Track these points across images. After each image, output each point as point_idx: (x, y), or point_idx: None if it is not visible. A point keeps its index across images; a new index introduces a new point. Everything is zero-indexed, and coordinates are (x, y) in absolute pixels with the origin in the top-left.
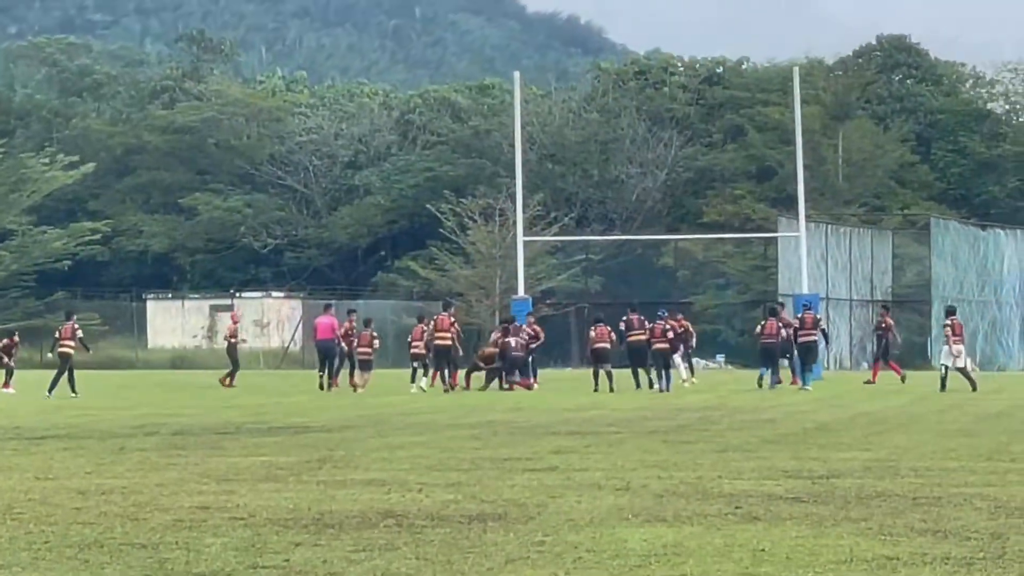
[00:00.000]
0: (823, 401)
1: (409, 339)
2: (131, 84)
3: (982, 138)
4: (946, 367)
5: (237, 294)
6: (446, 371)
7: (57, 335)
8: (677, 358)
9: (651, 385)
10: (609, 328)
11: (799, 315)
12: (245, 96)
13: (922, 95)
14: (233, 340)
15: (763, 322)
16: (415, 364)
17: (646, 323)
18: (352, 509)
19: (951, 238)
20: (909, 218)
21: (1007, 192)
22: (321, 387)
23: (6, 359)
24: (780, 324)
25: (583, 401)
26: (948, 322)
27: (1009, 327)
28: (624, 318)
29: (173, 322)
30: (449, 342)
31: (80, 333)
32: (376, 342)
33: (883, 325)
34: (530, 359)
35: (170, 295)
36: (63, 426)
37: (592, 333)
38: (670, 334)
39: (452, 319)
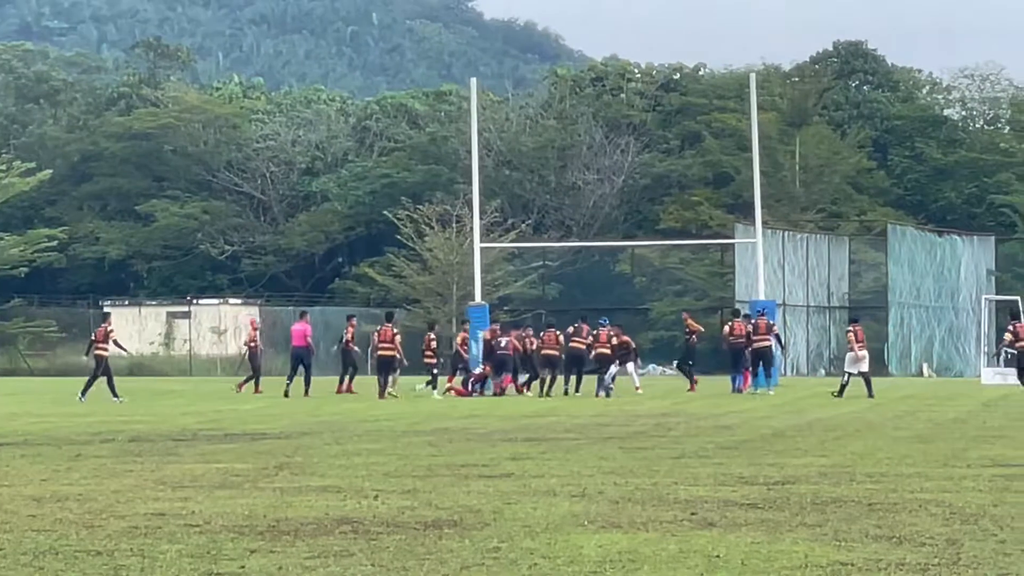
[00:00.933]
0: (779, 407)
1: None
2: (88, 91)
3: (939, 144)
4: (849, 374)
5: (194, 301)
6: (388, 379)
7: (92, 338)
8: (630, 367)
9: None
10: (559, 333)
11: (753, 320)
12: (202, 103)
13: (879, 101)
14: (253, 345)
15: (731, 322)
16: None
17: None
18: (308, 516)
19: (908, 244)
20: (866, 224)
21: (964, 198)
22: (286, 394)
23: None
24: (749, 325)
25: (540, 407)
26: (851, 329)
27: (966, 333)
28: (575, 324)
29: (130, 329)
30: (393, 352)
31: (114, 335)
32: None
33: None
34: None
35: (127, 302)
36: (19, 433)
37: (542, 339)
38: (614, 340)
39: (395, 330)
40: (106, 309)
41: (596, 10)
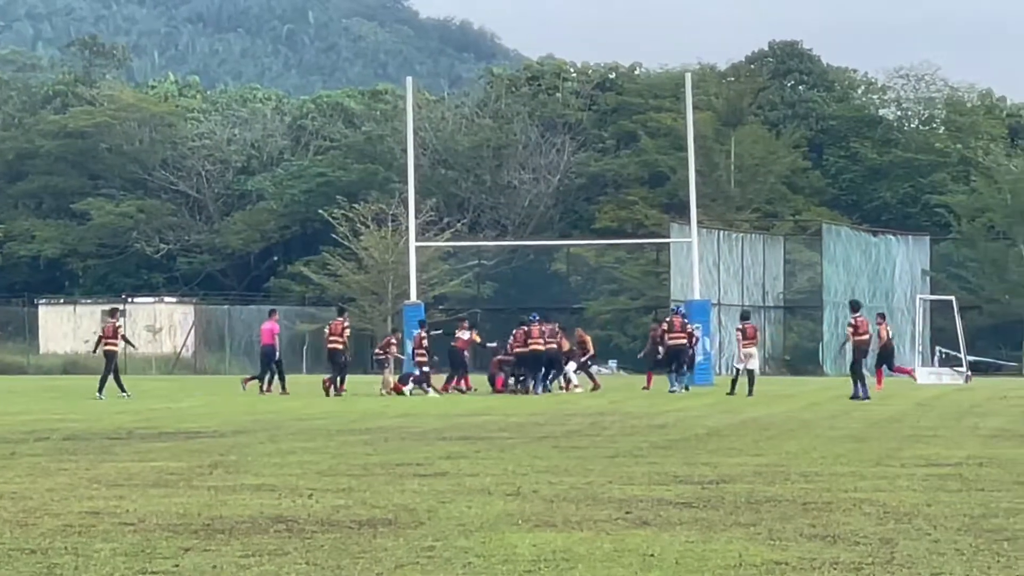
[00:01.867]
0: (714, 406)
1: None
2: (23, 89)
3: (874, 144)
4: (738, 370)
5: (130, 299)
6: (341, 376)
7: (101, 333)
8: (571, 365)
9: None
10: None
11: (668, 319)
12: (138, 101)
13: (814, 101)
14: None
15: (668, 319)
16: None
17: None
18: (243, 514)
19: (842, 244)
20: (801, 224)
21: (898, 198)
22: (262, 390)
23: None
24: (686, 322)
25: (475, 406)
26: (740, 326)
27: (900, 333)
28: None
29: (65, 327)
30: (342, 346)
31: (123, 331)
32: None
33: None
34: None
35: (62, 300)
36: None
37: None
38: (547, 336)
39: (346, 324)
40: (116, 306)
41: (532, 9)
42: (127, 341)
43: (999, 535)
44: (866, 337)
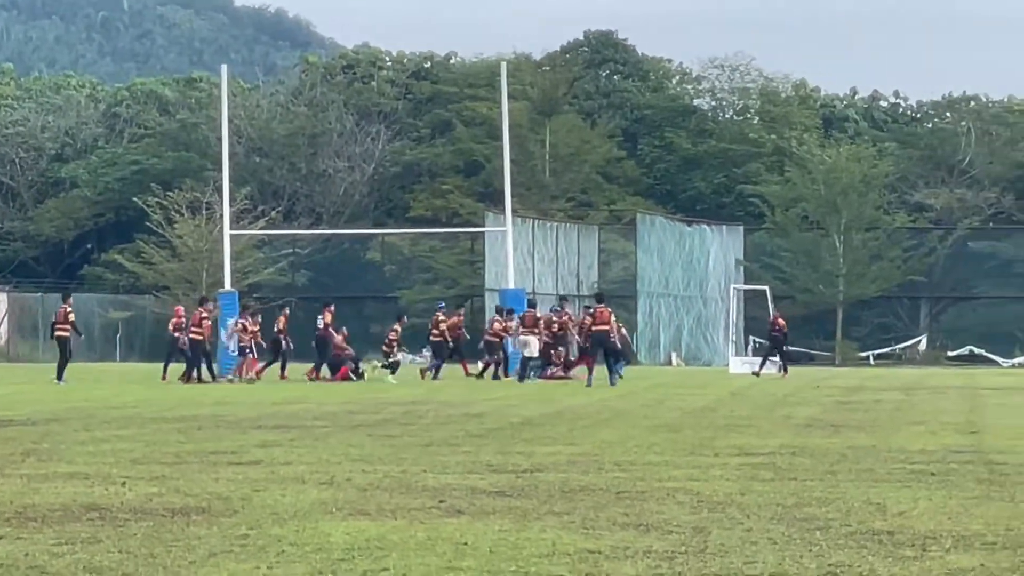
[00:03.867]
0: (529, 396)
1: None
2: None
3: (688, 134)
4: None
5: None
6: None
7: (54, 319)
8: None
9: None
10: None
11: (591, 309)
12: None
13: (629, 91)
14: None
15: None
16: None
17: None
18: (55, 502)
19: (657, 233)
20: (615, 213)
21: (713, 188)
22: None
23: None
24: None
25: (290, 395)
26: (520, 315)
27: (714, 322)
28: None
29: None
30: (202, 337)
31: (72, 316)
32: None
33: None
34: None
35: None
36: None
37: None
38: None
39: (204, 315)
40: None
41: None
42: (74, 328)
43: (811, 524)
44: (605, 328)
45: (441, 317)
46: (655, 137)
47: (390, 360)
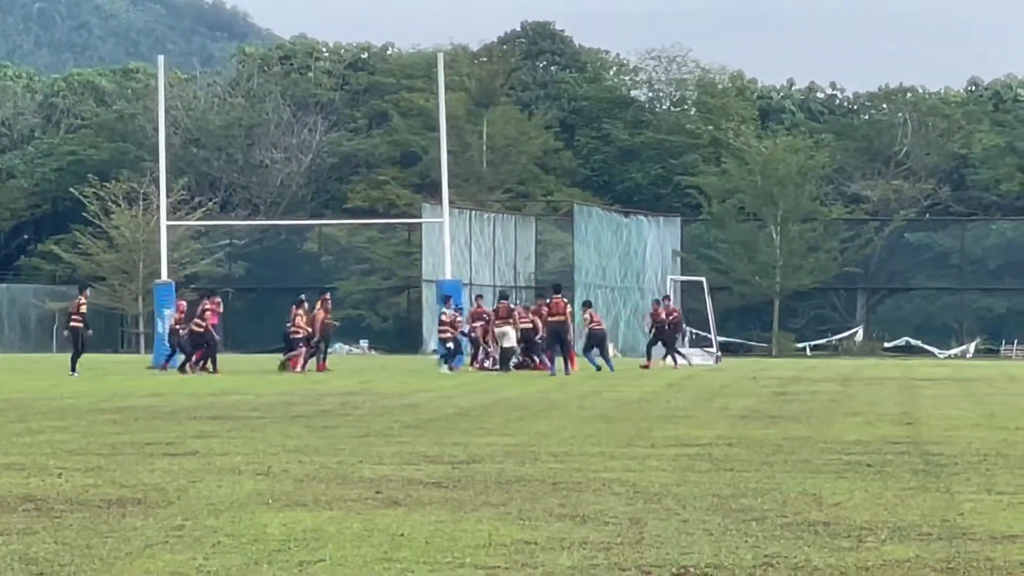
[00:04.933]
0: (466, 387)
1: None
2: None
3: (625, 125)
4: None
5: None
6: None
7: (69, 310)
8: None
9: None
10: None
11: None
12: None
13: (566, 82)
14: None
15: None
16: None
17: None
18: None
19: (594, 224)
20: (552, 204)
21: (650, 179)
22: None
23: None
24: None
25: (226, 386)
26: (494, 308)
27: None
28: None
29: None
30: (203, 328)
31: (84, 309)
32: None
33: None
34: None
35: None
36: None
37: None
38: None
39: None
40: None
41: None
42: (79, 321)
43: (747, 515)
44: (560, 318)
45: (300, 312)
46: (592, 128)
47: (449, 348)
